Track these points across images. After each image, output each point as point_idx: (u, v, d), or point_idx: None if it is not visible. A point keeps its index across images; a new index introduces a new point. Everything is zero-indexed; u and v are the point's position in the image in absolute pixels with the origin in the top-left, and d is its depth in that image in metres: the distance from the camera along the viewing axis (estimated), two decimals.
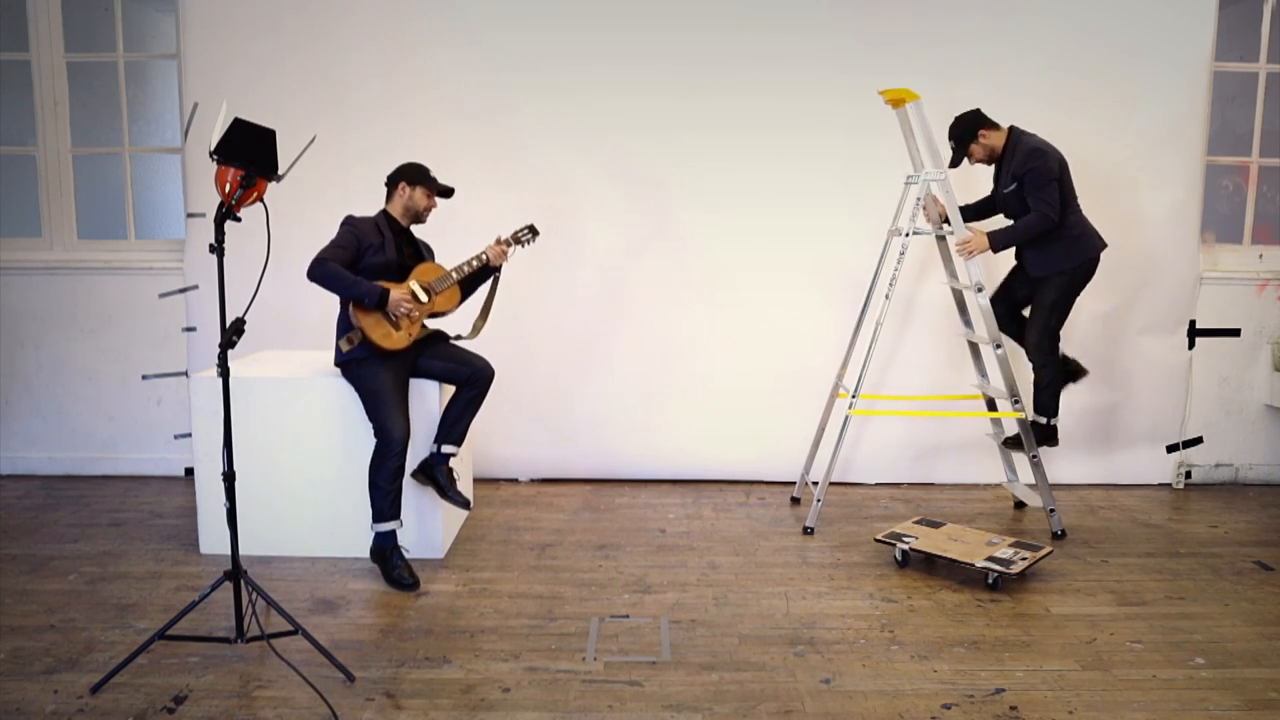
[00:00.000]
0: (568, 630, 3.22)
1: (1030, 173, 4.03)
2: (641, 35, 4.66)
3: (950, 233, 4.23)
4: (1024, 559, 3.63)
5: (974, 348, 4.53)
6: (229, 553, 2.91)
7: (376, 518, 3.62)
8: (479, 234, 4.16)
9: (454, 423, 3.77)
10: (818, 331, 4.79)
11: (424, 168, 3.80)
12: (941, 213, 4.24)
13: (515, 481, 4.97)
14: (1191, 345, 4.92)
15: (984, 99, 4.39)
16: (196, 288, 4.79)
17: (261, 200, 2.88)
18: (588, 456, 4.94)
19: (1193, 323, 4.90)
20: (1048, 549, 3.77)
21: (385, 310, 3.62)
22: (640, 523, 4.35)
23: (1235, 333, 4.94)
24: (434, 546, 3.87)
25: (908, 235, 4.18)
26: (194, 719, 2.64)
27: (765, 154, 4.72)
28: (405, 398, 3.70)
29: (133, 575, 3.68)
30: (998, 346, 4.15)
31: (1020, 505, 4.61)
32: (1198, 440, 5.01)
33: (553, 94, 4.69)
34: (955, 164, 4.20)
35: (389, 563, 3.60)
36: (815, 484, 4.47)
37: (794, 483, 4.78)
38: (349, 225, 3.70)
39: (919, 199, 4.20)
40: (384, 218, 3.79)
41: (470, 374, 3.74)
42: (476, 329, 3.96)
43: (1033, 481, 4.29)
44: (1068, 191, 4.11)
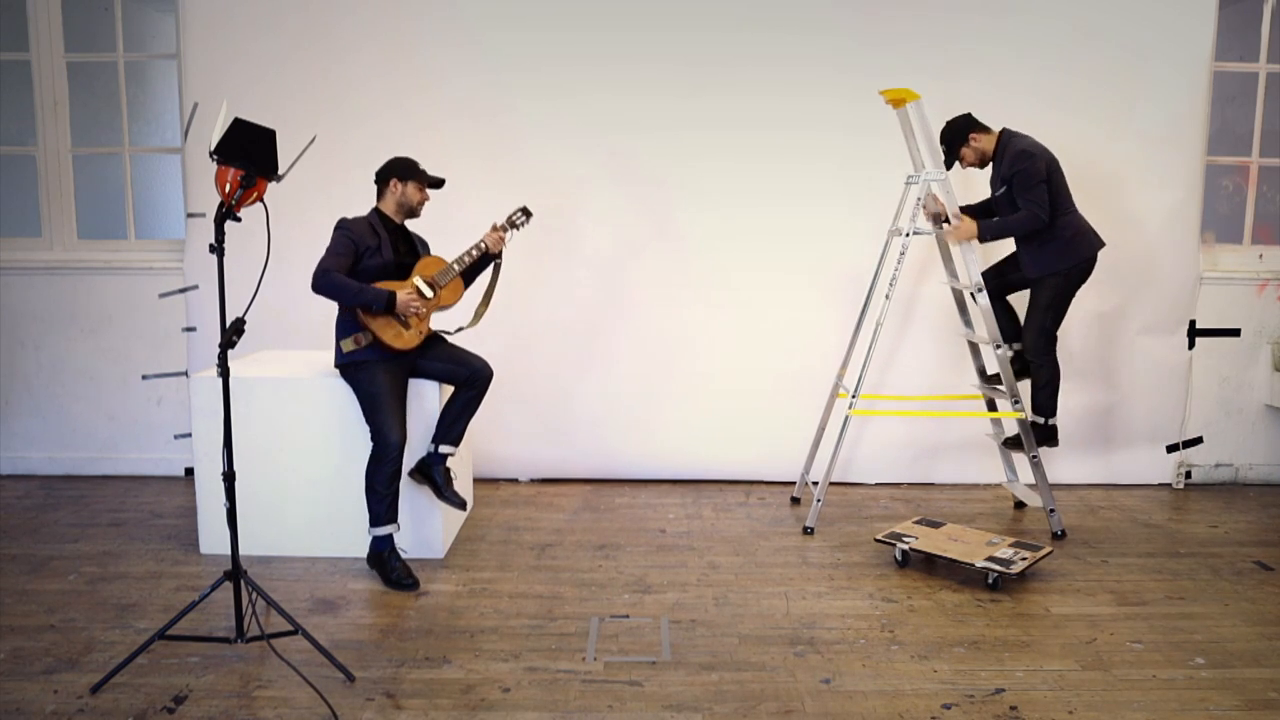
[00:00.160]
0: (568, 630, 3.22)
1: (1018, 174, 4.04)
2: (641, 35, 4.66)
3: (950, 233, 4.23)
4: (1024, 559, 3.63)
5: (974, 348, 4.53)
6: (229, 553, 2.91)
7: (374, 522, 3.62)
8: (479, 234, 4.15)
9: (452, 423, 3.77)
10: (818, 331, 4.79)
11: (412, 161, 3.76)
12: (941, 211, 4.25)
13: (515, 481, 4.97)
14: (1191, 345, 4.92)
15: (984, 99, 4.40)
16: (196, 288, 4.79)
17: (261, 200, 2.88)
18: (587, 456, 4.94)
19: (1193, 323, 4.90)
20: (1048, 549, 3.77)
21: (394, 312, 3.62)
22: (640, 523, 4.35)
23: (1235, 333, 4.94)
24: (434, 547, 3.87)
25: (908, 235, 4.18)
26: (194, 719, 2.64)
27: (765, 154, 4.72)
28: (403, 402, 3.70)
29: (133, 575, 3.68)
30: (998, 346, 4.15)
31: (1020, 505, 4.61)
32: (1198, 440, 5.01)
33: (552, 94, 4.70)
34: (946, 168, 4.21)
35: (387, 565, 3.59)
36: (815, 484, 4.47)
37: (794, 483, 4.78)
38: (344, 229, 3.65)
39: (919, 199, 4.20)
40: (377, 216, 3.74)
41: (469, 375, 3.74)
42: (478, 315, 3.94)
43: (1033, 481, 4.29)
44: (1059, 192, 4.11)
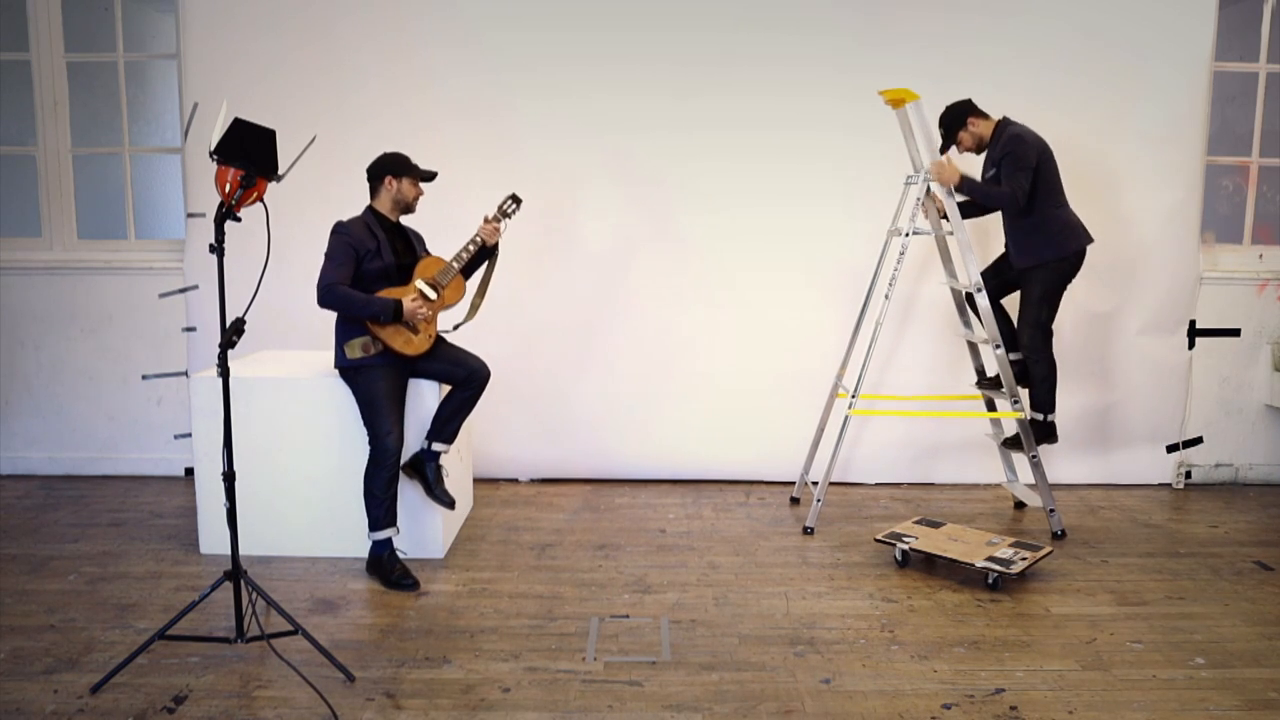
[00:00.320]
0: (568, 630, 3.22)
1: (1007, 156, 4.07)
2: (640, 35, 4.66)
3: (949, 233, 4.23)
4: (1024, 559, 3.63)
5: (973, 348, 4.53)
6: (229, 553, 2.91)
7: (373, 526, 3.62)
8: None
9: (446, 421, 3.76)
10: (817, 331, 4.79)
11: (404, 157, 3.70)
12: (940, 208, 4.25)
13: (515, 481, 4.97)
14: (1191, 345, 4.92)
15: (984, 99, 4.38)
16: (196, 288, 4.79)
17: (261, 200, 2.88)
18: (587, 456, 4.94)
19: (1193, 323, 4.90)
20: (1048, 549, 3.77)
21: (402, 321, 3.60)
22: (640, 523, 4.35)
23: (1235, 333, 4.94)
24: (434, 547, 3.87)
25: (907, 235, 4.18)
26: (194, 719, 2.64)
27: (764, 154, 4.72)
28: (402, 406, 3.70)
29: (133, 575, 3.68)
30: (997, 347, 4.15)
31: (1020, 505, 4.61)
32: (1198, 440, 5.01)
33: (552, 94, 4.70)
34: (944, 150, 4.22)
35: (387, 567, 3.60)
36: (815, 484, 4.47)
37: (794, 483, 4.78)
38: (342, 234, 3.59)
39: (919, 199, 4.21)
40: (372, 216, 3.68)
41: (466, 375, 3.74)
42: (475, 309, 3.92)
43: (1033, 481, 4.28)
44: (1051, 184, 4.12)
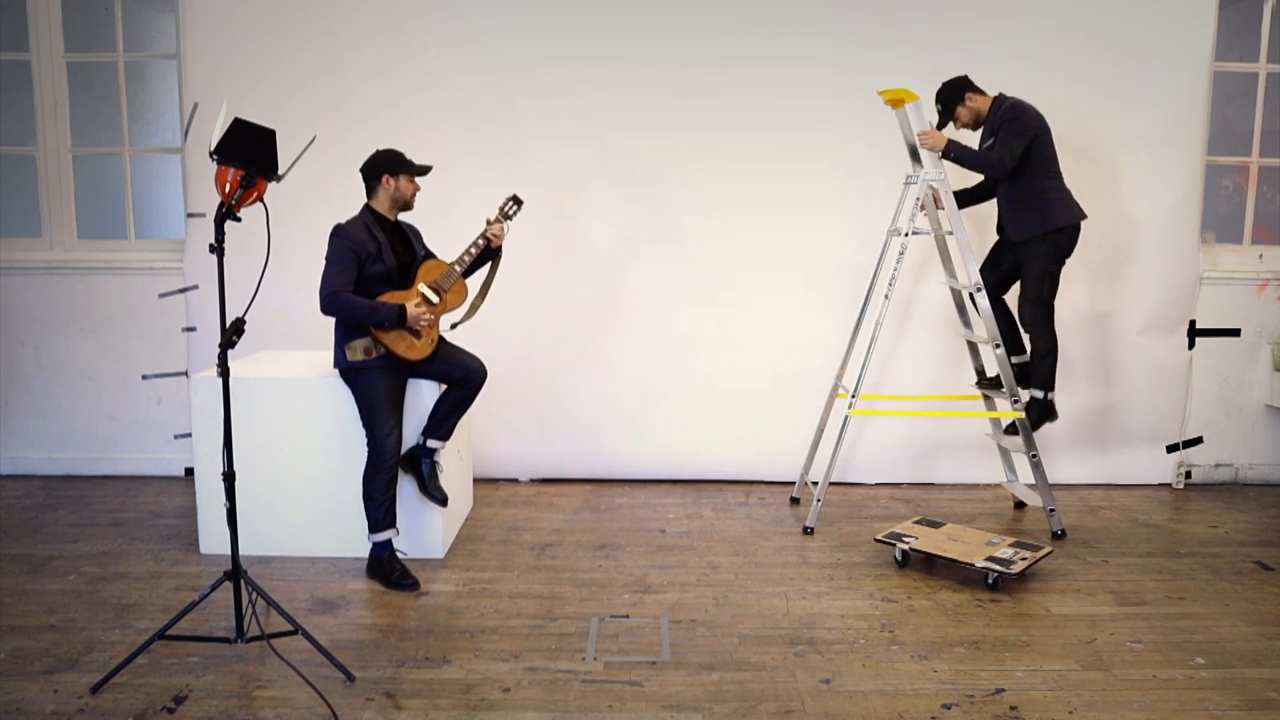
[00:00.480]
0: (568, 630, 3.22)
1: (1006, 123, 4.07)
2: (640, 35, 4.66)
3: (949, 232, 4.23)
4: (1024, 559, 3.63)
5: (973, 348, 4.53)
6: (229, 553, 2.91)
7: (373, 528, 3.62)
8: (477, 233, 4.15)
9: (442, 419, 3.76)
10: (817, 331, 4.79)
11: (399, 154, 3.66)
12: (936, 196, 4.22)
13: (515, 481, 4.97)
14: (1191, 345, 4.92)
15: None
16: (196, 288, 4.79)
17: (261, 200, 2.88)
18: (587, 456, 4.94)
19: (1193, 323, 4.90)
20: (1048, 549, 3.77)
21: (405, 325, 3.60)
22: (640, 523, 4.35)
23: (1235, 333, 4.94)
24: (434, 547, 3.87)
25: (907, 235, 4.18)
26: (194, 719, 2.64)
27: (764, 154, 4.72)
28: (401, 407, 3.70)
29: (133, 575, 3.68)
30: (997, 346, 4.15)
31: (1020, 505, 4.61)
32: (1198, 440, 5.01)
33: (552, 94, 4.69)
34: (940, 127, 4.21)
35: (387, 568, 3.60)
36: (815, 484, 4.47)
37: (794, 483, 4.78)
38: (343, 238, 3.55)
39: (918, 199, 4.21)
40: (371, 216, 3.65)
41: (464, 375, 3.73)
42: (474, 309, 3.91)
43: (1033, 481, 4.28)
44: (1046, 157, 4.12)
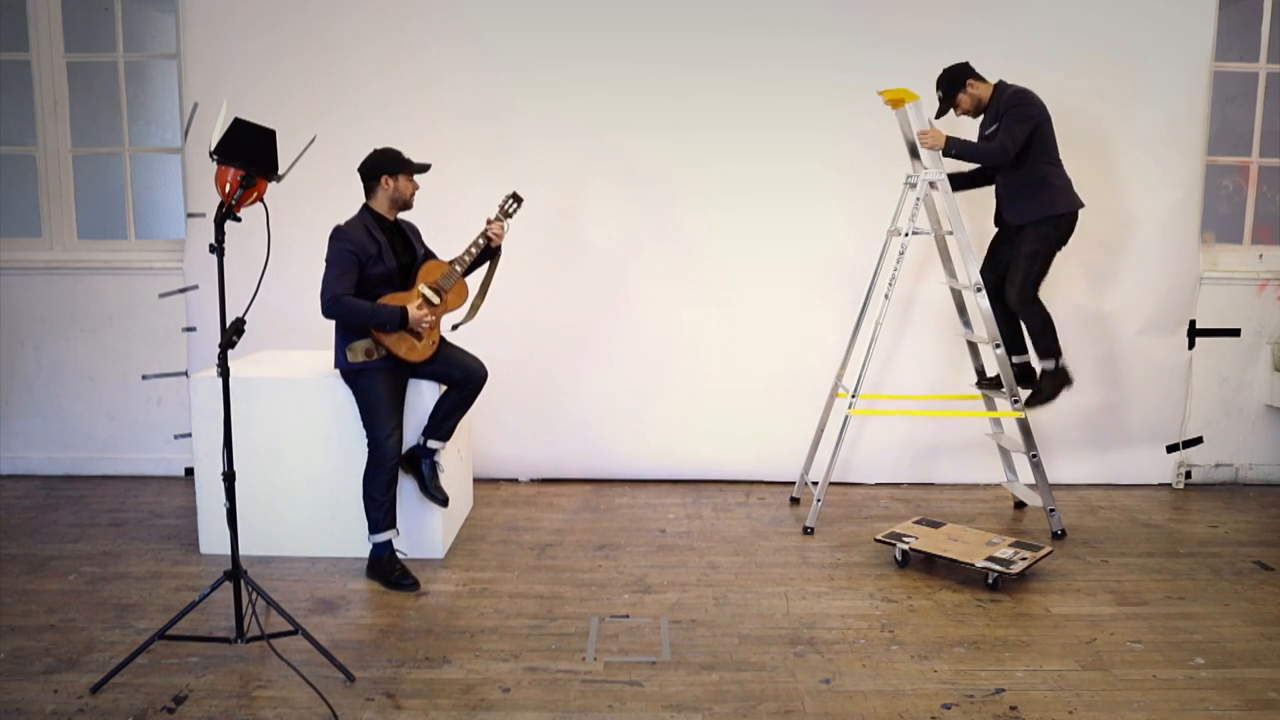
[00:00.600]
0: (568, 630, 3.22)
1: (1012, 109, 4.06)
2: (640, 35, 4.66)
3: (949, 232, 4.23)
4: (1024, 559, 3.63)
5: (973, 348, 4.53)
6: (229, 553, 2.91)
7: (373, 529, 3.62)
8: (477, 233, 4.16)
9: (443, 420, 3.76)
10: (817, 331, 4.79)
11: (396, 153, 3.63)
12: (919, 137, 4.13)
13: (515, 481, 4.97)
14: (1191, 345, 4.92)
15: None
16: (196, 288, 4.79)
17: (261, 200, 2.88)
18: (587, 456, 4.94)
19: (1193, 323, 4.90)
20: (1048, 549, 3.77)
21: (407, 328, 3.60)
22: (640, 523, 4.35)
23: (1235, 333, 4.94)
24: (434, 547, 3.87)
25: (907, 235, 4.18)
26: (194, 719, 2.65)
27: (764, 154, 4.72)
28: (401, 408, 3.70)
29: (133, 575, 3.68)
30: (997, 346, 4.15)
31: (1020, 505, 4.61)
32: (1198, 440, 5.01)
33: (552, 94, 4.69)
34: (941, 114, 4.21)
35: (387, 568, 3.60)
36: (815, 484, 4.47)
37: (794, 483, 4.78)
38: (343, 241, 3.53)
39: (918, 199, 4.21)
40: (370, 217, 3.63)
41: (464, 375, 3.73)
42: (475, 309, 3.90)
43: (1033, 481, 4.28)
44: (1048, 143, 4.12)
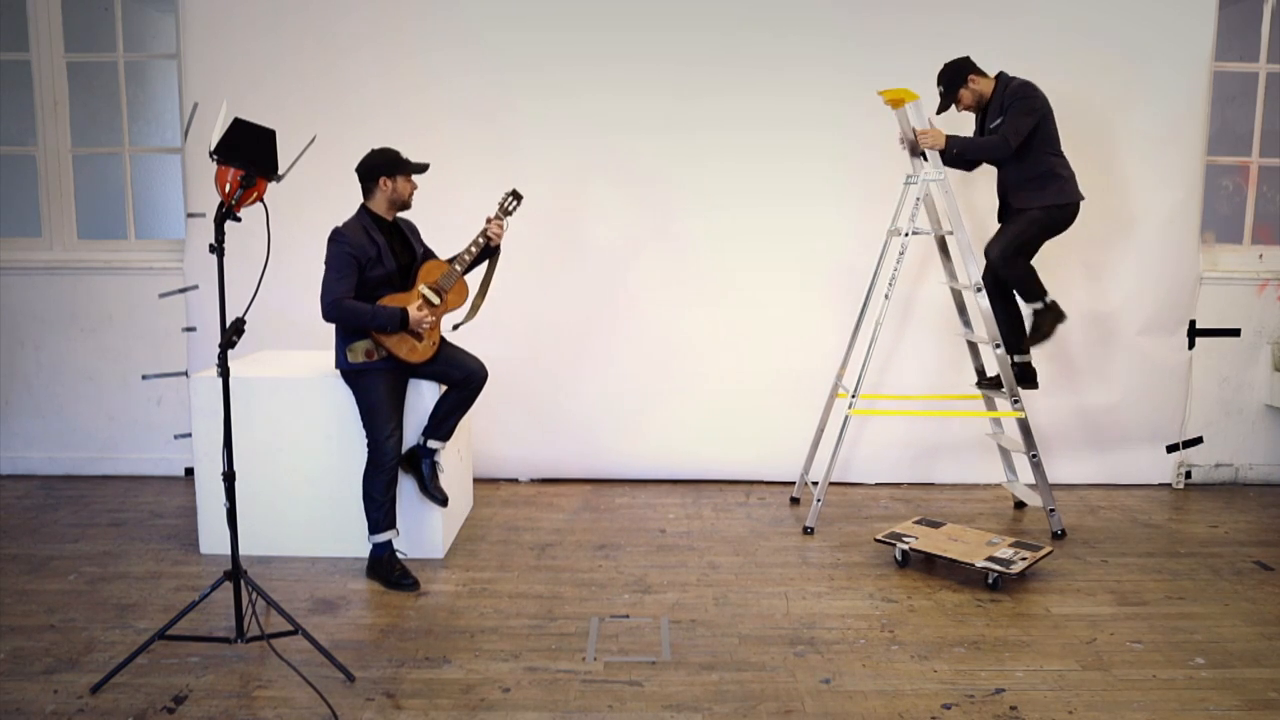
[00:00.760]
0: (568, 630, 3.22)
1: (1019, 101, 4.05)
2: (641, 35, 4.66)
3: (949, 232, 4.24)
4: (1024, 559, 3.63)
5: (973, 348, 4.53)
6: (229, 553, 2.91)
7: (373, 529, 3.63)
8: (477, 233, 4.16)
9: (443, 420, 3.76)
10: (817, 331, 4.79)
11: (394, 153, 3.60)
12: (914, 137, 4.14)
13: (515, 481, 4.97)
14: (1191, 345, 4.92)
15: None
16: (196, 288, 4.79)
17: (261, 200, 2.88)
18: (587, 456, 4.94)
19: (1193, 323, 4.90)
20: (1048, 549, 3.77)
21: (407, 329, 3.59)
22: (640, 523, 4.35)
23: (1235, 333, 4.94)
24: (434, 547, 3.87)
25: (907, 235, 4.18)
26: (194, 719, 2.65)
27: (765, 154, 4.72)
28: (401, 409, 3.70)
29: (133, 575, 3.68)
30: (997, 346, 4.15)
31: (1020, 505, 4.61)
32: (1198, 440, 5.01)
33: (552, 94, 4.69)
34: (943, 109, 4.20)
35: (387, 568, 3.60)
36: (815, 484, 4.47)
37: (794, 483, 4.78)
38: (342, 243, 3.51)
39: (918, 199, 4.21)
40: (368, 218, 3.61)
41: (464, 376, 3.73)
42: (475, 309, 3.89)
43: (1033, 481, 4.29)
44: (1051, 134, 4.12)
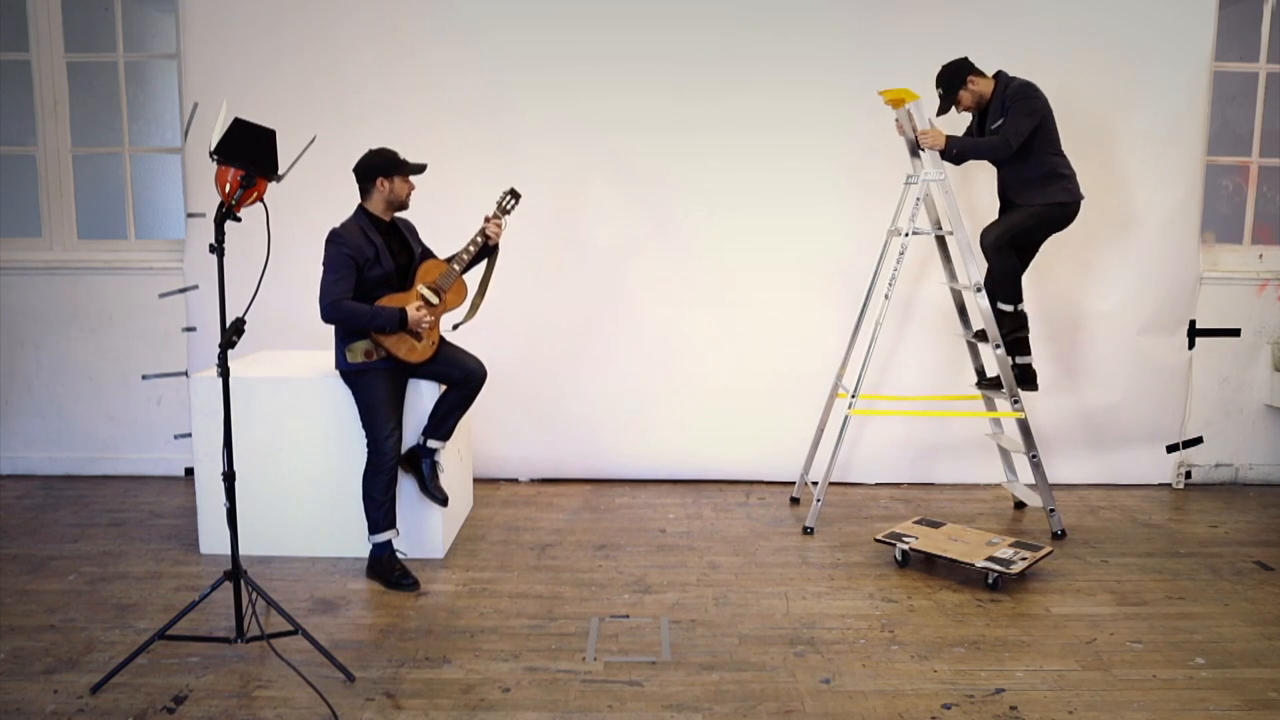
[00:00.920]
0: (568, 630, 3.22)
1: (1020, 101, 4.04)
2: (641, 35, 4.66)
3: (949, 232, 4.24)
4: (1024, 559, 3.63)
5: (973, 348, 4.53)
6: (229, 553, 2.91)
7: (373, 529, 3.63)
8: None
9: (442, 419, 3.76)
10: (817, 331, 4.79)
11: (392, 154, 3.59)
12: (913, 134, 4.14)
13: (515, 481, 4.97)
14: (1191, 345, 4.92)
15: None
16: (196, 288, 4.79)
17: (261, 200, 2.88)
18: (587, 456, 4.94)
19: (1193, 323, 4.90)
20: (1048, 549, 3.77)
21: (406, 329, 3.59)
22: (640, 523, 4.35)
23: (1235, 333, 4.94)
24: (434, 547, 3.87)
25: (907, 235, 4.18)
26: (194, 719, 2.65)
27: (765, 154, 4.72)
28: (401, 409, 3.70)
29: (133, 575, 3.68)
30: (997, 347, 4.15)
31: (1020, 505, 4.61)
32: (1198, 440, 5.01)
33: (552, 93, 4.69)
34: (943, 112, 4.20)
35: (387, 568, 3.60)
36: (815, 484, 4.47)
37: (794, 483, 4.78)
38: (339, 245, 3.50)
39: (918, 199, 4.21)
40: (366, 219, 3.60)
41: (463, 375, 3.73)
42: (475, 308, 3.89)
43: (1033, 481, 4.29)
44: (1052, 133, 4.12)
